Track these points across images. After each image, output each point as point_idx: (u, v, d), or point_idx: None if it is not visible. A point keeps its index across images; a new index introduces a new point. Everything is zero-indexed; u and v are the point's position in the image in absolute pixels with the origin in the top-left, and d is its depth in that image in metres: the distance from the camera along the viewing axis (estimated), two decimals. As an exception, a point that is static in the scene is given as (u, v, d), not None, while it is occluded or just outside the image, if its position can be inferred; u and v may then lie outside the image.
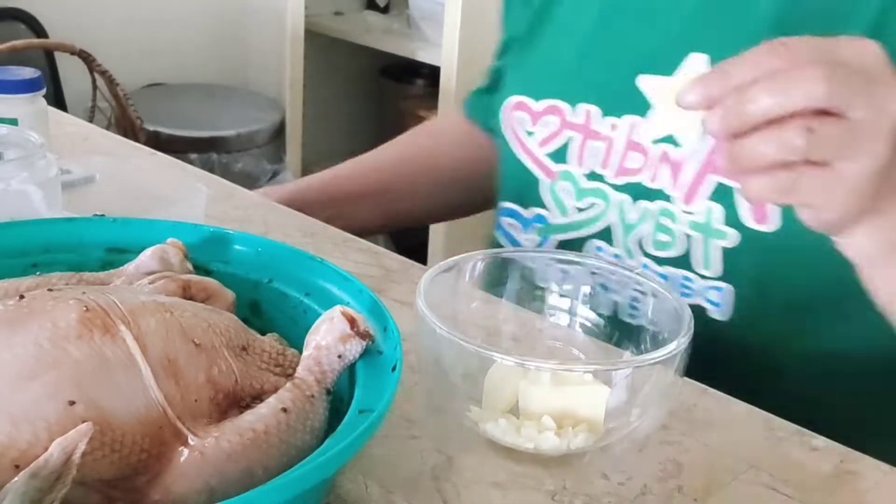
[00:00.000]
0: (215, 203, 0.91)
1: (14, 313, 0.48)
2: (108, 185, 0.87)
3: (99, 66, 1.93)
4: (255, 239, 0.66)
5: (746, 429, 0.65)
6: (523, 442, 0.58)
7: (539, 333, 0.70)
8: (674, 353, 0.56)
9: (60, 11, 2.31)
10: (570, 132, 0.81)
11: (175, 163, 1.08)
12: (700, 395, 0.68)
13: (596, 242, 0.82)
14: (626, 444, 0.59)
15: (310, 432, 0.50)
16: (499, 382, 0.58)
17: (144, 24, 2.57)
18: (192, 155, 2.34)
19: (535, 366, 0.57)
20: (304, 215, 0.95)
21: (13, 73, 0.91)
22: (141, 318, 0.49)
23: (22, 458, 0.43)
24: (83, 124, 1.21)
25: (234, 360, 0.52)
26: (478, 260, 0.67)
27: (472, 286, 0.67)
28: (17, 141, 0.79)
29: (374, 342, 0.54)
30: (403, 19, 2.48)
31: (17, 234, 0.64)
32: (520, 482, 0.57)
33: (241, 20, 2.79)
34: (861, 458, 0.62)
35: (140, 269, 0.60)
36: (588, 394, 0.58)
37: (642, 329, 0.65)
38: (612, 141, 0.79)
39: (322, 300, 0.60)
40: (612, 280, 0.67)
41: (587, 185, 0.81)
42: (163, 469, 0.46)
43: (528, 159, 0.84)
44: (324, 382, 0.52)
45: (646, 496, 0.57)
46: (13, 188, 0.72)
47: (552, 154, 0.83)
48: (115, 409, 0.46)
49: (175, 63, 2.68)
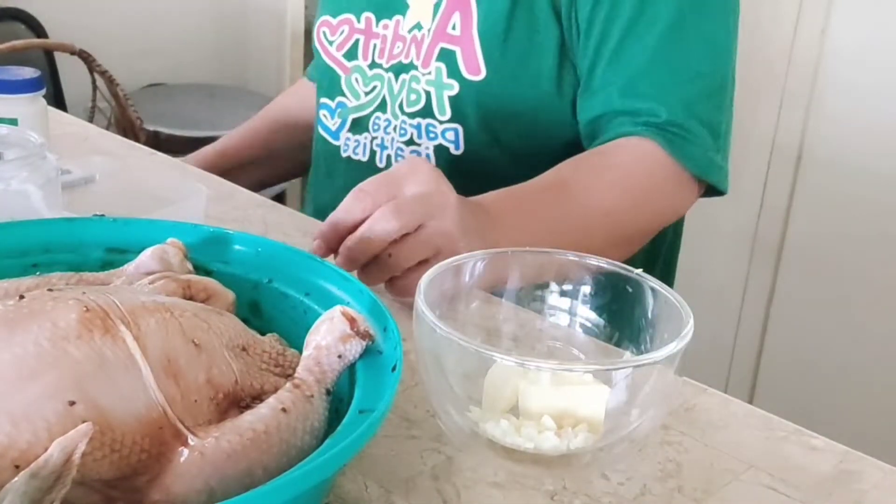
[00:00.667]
0: (215, 203, 0.91)
1: (14, 313, 0.48)
2: (108, 185, 0.88)
3: (99, 66, 1.93)
4: (255, 239, 0.66)
5: (746, 429, 0.65)
6: (523, 442, 0.57)
7: (539, 333, 0.70)
8: (674, 353, 0.56)
9: (60, 11, 2.31)
10: (357, 35, 1.07)
11: (175, 163, 1.08)
12: (700, 395, 0.68)
13: (376, 114, 1.06)
14: (626, 444, 0.59)
15: (310, 432, 0.50)
16: (499, 382, 0.58)
17: (144, 24, 2.57)
18: (192, 155, 2.34)
19: (535, 366, 0.57)
20: (304, 215, 0.96)
21: (13, 73, 0.91)
22: (141, 318, 0.49)
23: (22, 458, 0.43)
24: (83, 124, 1.22)
25: (234, 360, 0.52)
26: (478, 260, 0.67)
27: (472, 286, 0.67)
28: (17, 141, 0.79)
29: (374, 342, 0.54)
30: (403, 19, 2.48)
31: (17, 234, 0.64)
32: (520, 482, 0.57)
33: (241, 20, 2.79)
34: (861, 458, 0.62)
35: (140, 269, 0.60)
36: (588, 394, 0.58)
37: (642, 329, 0.65)
38: (385, 38, 1.05)
39: (322, 300, 0.60)
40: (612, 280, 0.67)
41: (370, 73, 1.06)
42: (163, 469, 0.46)
43: (331, 62, 1.09)
44: (324, 382, 0.52)
45: (646, 496, 0.57)
46: (13, 188, 0.72)
47: (345, 54, 1.08)
48: (115, 409, 0.46)
49: (175, 63, 2.68)
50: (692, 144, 0.92)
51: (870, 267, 1.86)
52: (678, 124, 0.92)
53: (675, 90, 0.93)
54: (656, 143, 0.91)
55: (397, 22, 1.03)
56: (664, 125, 0.92)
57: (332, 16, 1.09)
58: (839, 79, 1.85)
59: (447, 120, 1.00)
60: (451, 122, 1.00)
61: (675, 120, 0.92)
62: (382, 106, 1.05)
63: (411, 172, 0.75)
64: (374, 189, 0.73)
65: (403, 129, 1.03)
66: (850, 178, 1.85)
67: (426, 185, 0.74)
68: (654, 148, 0.91)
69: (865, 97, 1.82)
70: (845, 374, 1.91)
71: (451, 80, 0.99)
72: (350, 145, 1.09)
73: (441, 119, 1.00)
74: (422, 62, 1.00)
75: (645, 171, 0.92)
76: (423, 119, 1.01)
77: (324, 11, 1.12)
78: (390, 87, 1.04)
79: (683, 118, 0.92)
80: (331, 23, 1.09)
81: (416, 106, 1.02)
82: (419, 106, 1.01)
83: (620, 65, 0.93)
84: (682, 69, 0.93)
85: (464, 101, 0.98)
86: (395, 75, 1.03)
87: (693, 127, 0.93)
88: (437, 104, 1.00)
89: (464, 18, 0.98)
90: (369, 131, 1.06)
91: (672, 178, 0.93)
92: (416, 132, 1.02)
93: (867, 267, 1.87)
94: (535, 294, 0.70)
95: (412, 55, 1.02)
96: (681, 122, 0.92)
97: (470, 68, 0.97)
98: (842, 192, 1.86)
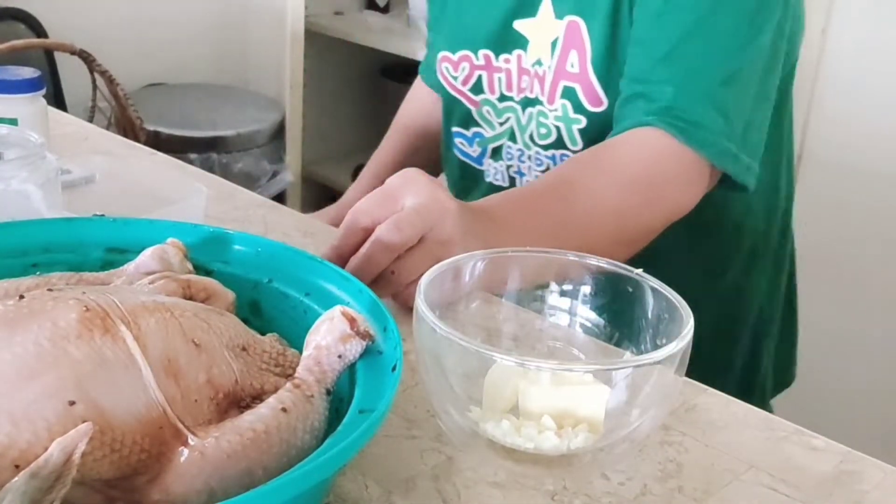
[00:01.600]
0: (215, 203, 0.91)
1: (14, 313, 0.48)
2: (108, 185, 0.88)
3: (99, 66, 1.92)
4: (255, 239, 0.66)
5: (746, 429, 0.65)
6: (523, 442, 0.57)
7: (539, 333, 0.70)
8: (674, 353, 0.56)
9: (60, 11, 2.31)
10: (479, 71, 1.10)
11: (175, 163, 1.08)
12: (700, 395, 0.68)
13: (508, 143, 1.10)
14: (626, 444, 0.59)
15: (310, 432, 0.50)
16: (499, 382, 0.58)
17: (144, 24, 2.57)
18: (192, 155, 2.34)
19: (535, 366, 0.57)
20: (304, 215, 0.96)
21: (13, 73, 0.91)
22: (141, 318, 0.49)
23: (22, 458, 0.43)
24: (83, 124, 1.21)
25: (234, 360, 0.52)
26: (478, 260, 0.67)
27: (472, 286, 0.67)
28: (17, 141, 0.79)
29: (374, 342, 0.54)
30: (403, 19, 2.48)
31: (17, 234, 0.63)
32: (520, 482, 0.57)
33: (241, 20, 2.79)
34: (861, 459, 0.62)
35: (140, 269, 0.60)
36: (588, 394, 0.58)
37: (642, 329, 0.65)
38: (509, 71, 1.07)
39: (322, 300, 0.60)
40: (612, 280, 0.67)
41: (501, 105, 1.09)
42: (163, 469, 0.46)
43: (458, 95, 1.13)
44: (324, 382, 0.52)
45: (646, 496, 0.57)
46: (13, 188, 0.72)
47: (471, 88, 1.11)
48: (115, 409, 0.46)
49: (175, 63, 2.68)
50: (704, 130, 0.91)
51: (869, 267, 1.87)
52: (691, 109, 0.91)
53: (693, 77, 0.93)
54: (667, 133, 0.90)
55: (519, 56, 1.06)
56: (677, 111, 0.91)
57: (451, 52, 1.12)
58: (839, 79, 1.85)
59: (580, 149, 1.02)
60: None
61: (689, 105, 0.91)
62: (512, 136, 1.09)
63: (406, 184, 0.74)
64: (371, 207, 0.73)
65: (539, 160, 1.06)
66: (849, 178, 1.85)
67: (423, 196, 0.73)
68: (665, 138, 0.91)
69: (865, 97, 1.82)
70: (845, 373, 1.91)
71: (577, 115, 1.01)
72: (492, 171, 1.13)
73: (574, 149, 1.02)
74: (547, 98, 1.03)
75: (654, 164, 0.92)
76: (557, 150, 1.04)
77: (441, 46, 1.14)
78: (518, 119, 1.08)
79: (698, 104, 0.92)
80: (451, 58, 1.12)
81: (549, 139, 1.04)
82: (551, 139, 1.04)
83: (644, 49, 0.94)
84: (702, 58, 0.93)
85: (593, 130, 1.00)
86: (523, 108, 1.06)
87: (707, 113, 0.92)
88: (567, 136, 1.02)
89: (580, 56, 1.00)
90: (503, 159, 1.11)
91: (684, 169, 0.92)
92: (552, 162, 1.05)
93: (867, 267, 1.87)
94: (535, 294, 0.70)
95: (537, 90, 1.04)
96: (694, 107, 0.91)
97: (592, 101, 1.00)
98: (842, 192, 1.86)
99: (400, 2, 2.62)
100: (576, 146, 1.03)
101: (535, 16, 1.04)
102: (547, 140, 1.05)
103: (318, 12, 2.55)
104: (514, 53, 1.06)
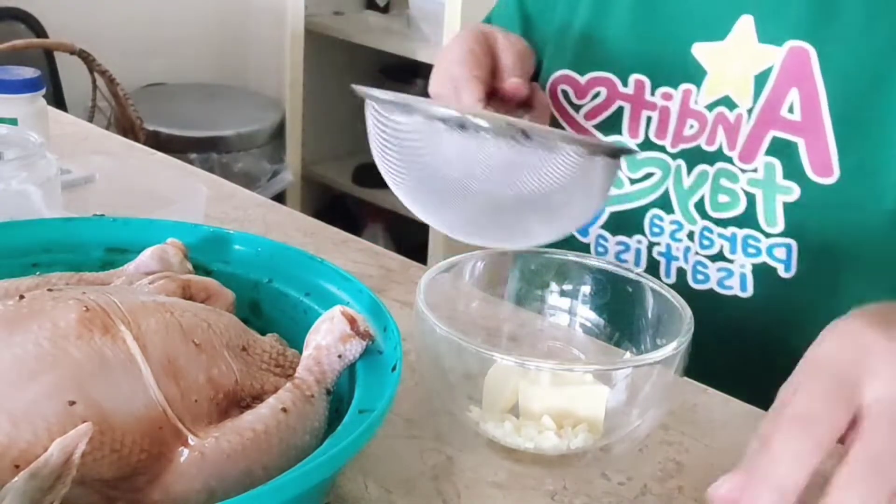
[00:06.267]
0: (215, 203, 0.91)
1: (14, 313, 0.48)
2: (108, 185, 0.88)
3: (99, 65, 1.93)
4: (255, 239, 0.66)
5: (746, 429, 0.64)
6: (523, 442, 0.58)
7: (539, 333, 0.70)
8: (674, 353, 0.56)
9: (60, 11, 2.31)
10: (621, 102, 0.82)
11: (175, 163, 1.08)
12: (700, 395, 0.68)
13: (653, 211, 0.82)
14: (626, 444, 0.59)
15: (310, 432, 0.50)
16: (499, 382, 0.58)
17: (144, 24, 2.57)
18: (192, 155, 2.34)
19: (535, 366, 0.57)
20: (304, 215, 0.96)
21: (13, 73, 0.91)
22: (141, 318, 0.49)
23: (22, 458, 0.43)
24: (83, 124, 1.22)
25: (234, 360, 0.52)
26: (478, 260, 0.67)
27: (472, 286, 0.67)
28: (17, 141, 0.79)
29: (374, 342, 0.54)
30: (403, 19, 2.48)
31: (17, 234, 0.63)
32: (520, 482, 0.57)
33: (241, 20, 2.79)
34: (861, 458, 0.62)
35: (140, 269, 0.60)
36: (588, 394, 0.58)
37: (642, 329, 0.65)
38: (667, 110, 0.81)
39: (322, 300, 0.60)
40: (612, 280, 0.67)
41: (642, 155, 0.82)
42: (163, 469, 0.46)
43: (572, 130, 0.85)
44: (324, 382, 0.52)
45: (646, 496, 0.57)
46: (13, 188, 0.72)
47: (599, 125, 0.83)
48: (115, 409, 0.46)
49: (175, 63, 2.68)
50: None
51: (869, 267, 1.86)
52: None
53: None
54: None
55: (686, 93, 0.79)
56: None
57: (577, 72, 0.84)
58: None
59: (778, 234, 0.77)
60: (784, 237, 0.77)
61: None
62: (662, 203, 0.82)
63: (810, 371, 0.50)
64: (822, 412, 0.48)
65: (709, 239, 0.80)
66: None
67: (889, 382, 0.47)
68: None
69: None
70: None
71: (788, 183, 0.75)
72: (607, 246, 0.85)
73: (769, 231, 0.77)
74: (740, 154, 0.77)
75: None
76: (741, 229, 0.78)
77: (560, 64, 0.86)
78: (678, 179, 0.81)
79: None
80: (576, 81, 0.84)
81: (731, 211, 0.78)
82: (736, 211, 0.78)
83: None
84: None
85: (804, 209, 0.75)
86: (688, 164, 0.80)
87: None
88: (764, 212, 0.77)
89: (806, 97, 0.74)
90: (645, 234, 0.83)
91: None
92: (730, 245, 0.79)
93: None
94: (535, 294, 0.70)
95: (720, 141, 0.78)
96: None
97: (817, 167, 0.74)
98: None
99: (400, 2, 2.62)
100: (773, 226, 0.77)
101: (724, 39, 0.76)
102: (728, 213, 0.78)
103: (318, 12, 2.55)
104: (680, 89, 0.80)
